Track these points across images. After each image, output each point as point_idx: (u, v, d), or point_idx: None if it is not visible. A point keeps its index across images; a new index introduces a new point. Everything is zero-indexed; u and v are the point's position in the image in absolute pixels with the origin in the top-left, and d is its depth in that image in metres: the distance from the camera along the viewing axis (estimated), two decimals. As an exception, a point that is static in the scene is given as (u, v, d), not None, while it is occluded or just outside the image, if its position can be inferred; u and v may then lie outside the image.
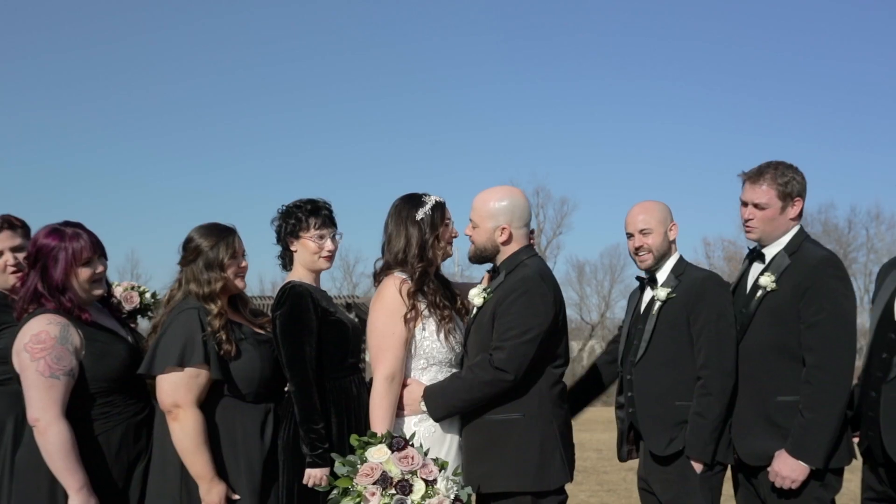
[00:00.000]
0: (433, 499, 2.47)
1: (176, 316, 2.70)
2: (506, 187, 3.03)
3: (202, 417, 2.63)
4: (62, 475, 2.50)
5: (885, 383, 2.77)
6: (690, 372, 2.92)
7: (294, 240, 2.99)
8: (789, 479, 2.75)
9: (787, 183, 2.95)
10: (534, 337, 2.68)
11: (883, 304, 2.90)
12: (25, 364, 2.57)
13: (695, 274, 3.03)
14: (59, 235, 2.69)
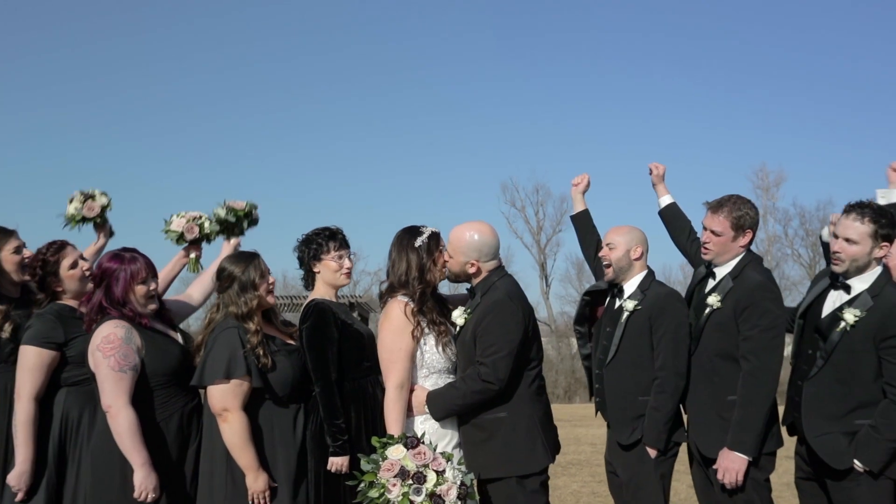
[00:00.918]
0: (443, 485, 2.95)
1: (219, 334, 3.19)
2: (476, 225, 3.42)
3: (247, 418, 3.13)
4: (129, 453, 3.03)
5: (807, 379, 3.29)
6: (651, 373, 3.43)
7: (316, 262, 3.50)
8: (732, 470, 3.26)
9: (741, 217, 3.46)
10: (510, 351, 3.18)
11: (808, 303, 3.41)
12: (98, 361, 3.10)
13: (659, 290, 3.53)
14: (120, 259, 3.25)
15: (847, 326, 3.15)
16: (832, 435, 3.17)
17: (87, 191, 4.05)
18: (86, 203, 4.01)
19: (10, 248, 3.58)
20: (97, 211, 4.02)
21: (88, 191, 4.05)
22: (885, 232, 3.16)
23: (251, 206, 4.08)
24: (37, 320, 3.36)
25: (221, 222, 3.98)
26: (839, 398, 3.18)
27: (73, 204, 4.01)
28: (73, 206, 4.00)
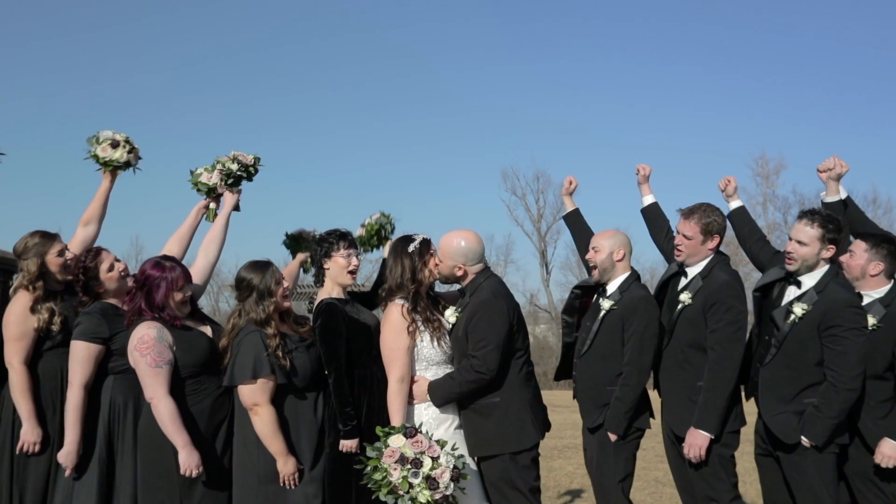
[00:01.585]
0: (437, 469, 3.36)
1: (243, 338, 3.61)
2: (463, 233, 3.85)
3: (274, 410, 3.56)
4: (172, 436, 3.48)
5: (764, 365, 3.73)
6: (619, 366, 3.82)
7: (327, 259, 3.92)
8: (696, 446, 3.70)
9: (709, 223, 3.88)
10: (497, 344, 3.61)
11: (764, 283, 3.85)
12: (137, 360, 3.55)
13: (635, 293, 3.89)
14: (161, 268, 3.69)
15: (796, 318, 3.59)
16: (785, 414, 3.61)
17: (124, 137, 4.38)
18: (133, 151, 4.39)
19: (55, 252, 3.99)
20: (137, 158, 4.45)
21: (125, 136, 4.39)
22: (831, 236, 3.60)
23: (256, 160, 4.43)
24: (84, 318, 3.80)
25: (228, 174, 4.34)
26: (790, 381, 3.62)
27: (118, 151, 4.32)
28: (118, 153, 4.32)
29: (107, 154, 4.32)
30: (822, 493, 3.55)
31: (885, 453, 3.62)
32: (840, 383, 3.48)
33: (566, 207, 4.68)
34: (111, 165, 4.35)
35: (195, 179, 4.41)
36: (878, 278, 3.70)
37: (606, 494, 3.82)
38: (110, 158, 4.32)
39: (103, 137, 4.35)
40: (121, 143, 4.34)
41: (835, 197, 4.09)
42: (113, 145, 4.33)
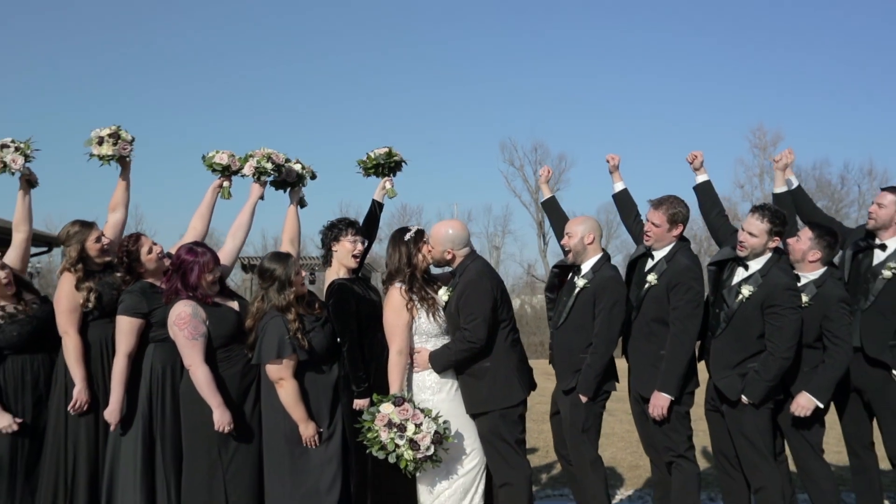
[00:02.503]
0: (419, 434, 3.99)
1: (268, 322, 4.14)
2: (451, 222, 4.46)
3: (297, 383, 4.12)
4: (208, 398, 4.07)
5: (715, 337, 4.31)
6: (590, 337, 4.37)
7: (335, 243, 4.52)
8: (659, 406, 4.29)
9: (675, 213, 4.42)
10: (484, 318, 4.17)
11: (718, 260, 4.41)
12: (176, 333, 4.12)
13: (605, 273, 4.42)
14: (194, 253, 4.24)
15: (743, 298, 4.17)
16: (731, 377, 4.21)
17: (110, 130, 4.71)
18: (119, 143, 4.71)
19: (93, 238, 4.53)
20: (130, 149, 4.79)
21: (111, 130, 4.72)
22: (777, 229, 4.18)
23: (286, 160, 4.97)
24: (126, 296, 4.36)
25: (259, 169, 4.88)
26: (736, 351, 4.21)
27: (103, 146, 4.67)
28: (105, 148, 4.67)
29: (98, 151, 4.75)
30: (758, 441, 4.17)
31: (800, 404, 4.20)
32: (777, 353, 4.07)
33: (543, 195, 5.22)
34: (107, 159, 4.78)
35: (209, 162, 4.95)
36: (816, 263, 4.27)
37: (577, 445, 4.41)
38: (102, 154, 4.75)
39: (92, 136, 4.76)
40: (105, 139, 4.73)
41: (782, 188, 4.66)
42: (99, 143, 4.74)
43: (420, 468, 4.05)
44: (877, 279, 4.31)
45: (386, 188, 5.08)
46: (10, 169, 4.51)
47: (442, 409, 4.20)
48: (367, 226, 4.88)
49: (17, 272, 4.54)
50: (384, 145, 5.15)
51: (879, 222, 4.38)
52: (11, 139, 4.57)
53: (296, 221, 5.04)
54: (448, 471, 4.26)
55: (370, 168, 5.08)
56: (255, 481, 4.23)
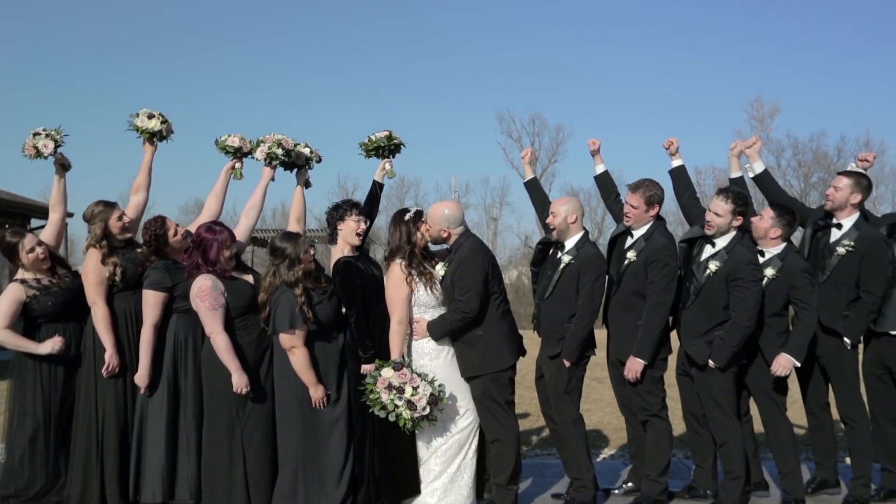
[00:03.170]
0: (416, 396, 4.41)
1: (279, 297, 4.54)
2: (446, 203, 4.82)
3: (307, 350, 4.54)
4: (227, 363, 4.50)
5: (685, 308, 4.74)
6: (574, 308, 4.76)
7: (340, 222, 4.92)
8: (634, 370, 4.73)
9: (651, 196, 4.81)
10: (476, 291, 4.57)
11: (690, 237, 4.82)
12: (198, 304, 4.54)
13: (588, 250, 4.81)
14: (213, 231, 4.65)
15: (710, 273, 4.59)
16: (699, 344, 4.64)
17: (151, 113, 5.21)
18: (165, 123, 5.25)
19: (115, 217, 4.91)
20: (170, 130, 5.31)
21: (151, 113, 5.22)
22: (740, 210, 4.59)
23: (295, 144, 5.37)
24: (152, 272, 4.77)
25: (270, 154, 5.28)
26: (704, 321, 4.64)
27: (152, 121, 5.18)
28: (153, 122, 5.18)
29: (144, 124, 5.22)
30: (722, 402, 4.62)
31: (781, 364, 4.63)
32: (740, 321, 4.50)
33: (526, 175, 5.60)
34: (148, 133, 5.24)
35: (222, 145, 5.35)
36: (777, 240, 4.69)
37: (561, 405, 4.84)
38: (146, 127, 5.22)
39: (142, 112, 5.25)
40: (155, 115, 5.24)
41: (737, 174, 5.18)
42: (149, 117, 5.23)
43: (417, 426, 4.50)
44: (832, 255, 4.73)
45: (386, 169, 5.48)
46: (42, 154, 4.90)
47: (439, 374, 4.64)
48: (369, 205, 5.28)
49: (51, 248, 4.96)
50: (384, 129, 5.53)
51: (836, 203, 4.79)
52: (43, 128, 4.97)
53: (302, 201, 5.44)
54: (444, 429, 4.72)
55: (371, 150, 5.47)
56: (269, 438, 4.69)
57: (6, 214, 17.92)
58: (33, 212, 19.14)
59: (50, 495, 4.78)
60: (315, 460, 4.62)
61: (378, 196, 5.45)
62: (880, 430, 4.87)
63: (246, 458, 4.63)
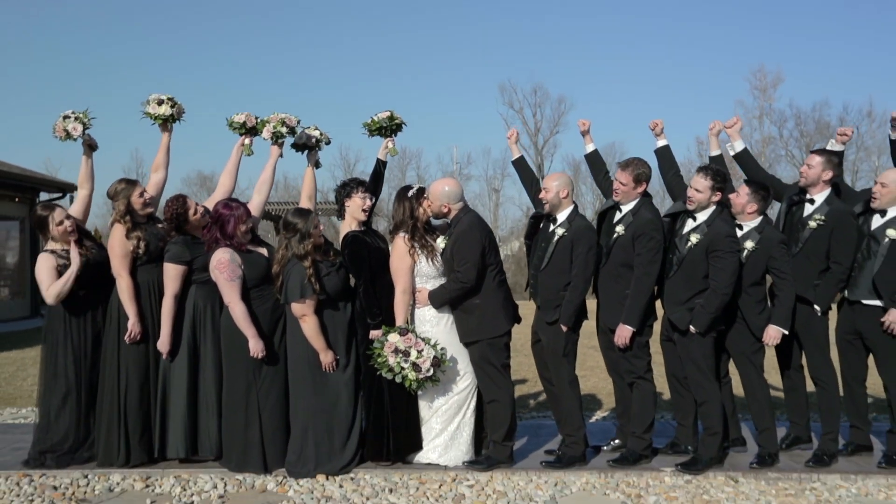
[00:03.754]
0: (420, 359, 4.79)
1: (291, 269, 4.88)
2: (447, 180, 5.15)
3: (317, 318, 4.90)
4: (244, 329, 4.86)
5: (668, 278, 5.07)
6: (568, 277, 5.07)
7: (347, 199, 5.26)
8: (622, 336, 5.09)
9: (639, 174, 5.12)
10: (474, 263, 4.90)
11: (673, 212, 5.15)
12: (217, 276, 4.89)
13: (580, 223, 5.11)
14: (230, 208, 4.98)
15: (692, 245, 4.93)
16: (681, 311, 4.99)
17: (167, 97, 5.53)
18: (175, 106, 5.56)
19: (137, 194, 5.26)
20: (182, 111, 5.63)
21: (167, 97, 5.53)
22: (718, 186, 4.91)
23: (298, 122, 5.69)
24: (172, 246, 5.12)
25: (276, 133, 5.62)
26: (685, 289, 4.98)
27: (162, 106, 5.50)
28: (163, 108, 5.49)
29: (155, 110, 5.55)
30: (702, 364, 4.98)
31: (770, 335, 4.98)
32: (718, 289, 4.85)
33: (513, 154, 5.88)
34: (161, 119, 5.58)
35: (231, 123, 5.68)
36: (753, 214, 5.02)
37: (558, 367, 5.19)
38: (158, 114, 5.55)
39: (152, 99, 5.56)
40: (164, 101, 5.56)
41: (717, 152, 5.53)
42: (159, 103, 5.55)
43: (421, 387, 4.89)
44: (805, 228, 5.06)
45: (388, 147, 5.80)
46: (72, 136, 5.24)
47: (439, 340, 5.00)
48: (374, 182, 5.61)
49: (79, 222, 5.31)
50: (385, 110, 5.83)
51: (809, 180, 5.11)
52: (71, 111, 5.29)
53: (312, 180, 5.77)
54: (445, 390, 5.10)
55: (374, 130, 5.79)
56: (282, 399, 5.07)
57: (17, 188, 18.27)
58: (43, 186, 19.49)
59: (82, 450, 5.20)
60: (325, 420, 5.00)
61: (382, 173, 5.78)
62: (850, 390, 5.24)
63: (262, 417, 5.01)
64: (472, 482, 4.90)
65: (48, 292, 5.06)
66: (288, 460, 5.02)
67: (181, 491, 4.77)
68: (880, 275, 4.93)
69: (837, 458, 5.19)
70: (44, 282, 5.08)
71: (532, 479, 4.97)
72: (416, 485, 4.85)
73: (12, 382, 9.24)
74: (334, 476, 4.94)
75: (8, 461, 5.33)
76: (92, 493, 4.76)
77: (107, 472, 5.01)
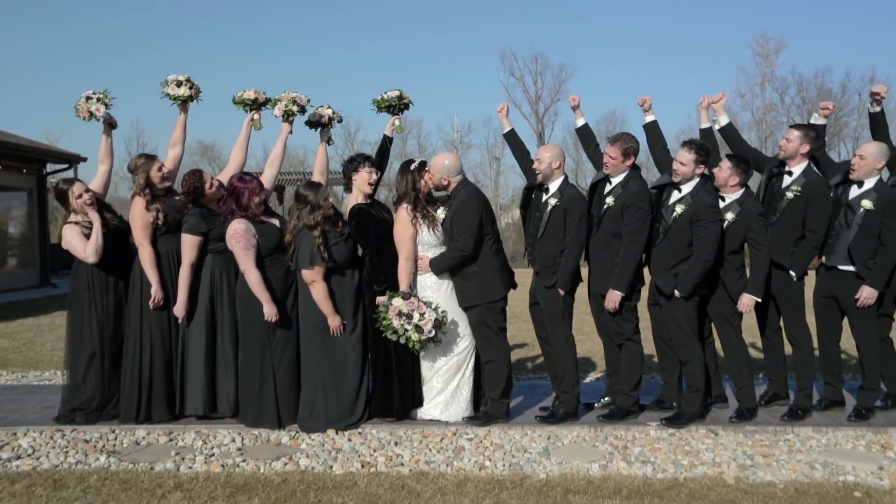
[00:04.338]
0: (423, 321, 5.13)
1: (301, 238, 5.19)
2: (447, 155, 5.46)
3: (325, 284, 5.23)
4: (258, 295, 5.20)
5: (655, 246, 5.39)
6: (562, 244, 5.37)
7: (355, 173, 5.58)
8: (612, 301, 5.43)
9: (627, 148, 5.40)
10: (472, 232, 5.22)
11: (659, 184, 5.46)
12: (234, 245, 5.22)
13: (571, 192, 5.42)
14: (244, 181, 5.30)
15: (677, 215, 5.24)
16: (667, 276, 5.33)
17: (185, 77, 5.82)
18: (193, 87, 5.87)
19: (155, 168, 5.59)
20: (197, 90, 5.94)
21: (185, 77, 5.82)
22: (702, 159, 5.22)
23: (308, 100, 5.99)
24: (189, 218, 5.45)
25: (287, 111, 5.93)
26: (671, 256, 5.31)
27: (181, 88, 5.81)
28: (182, 90, 5.80)
29: (175, 92, 5.85)
30: (686, 326, 5.32)
31: (744, 303, 5.34)
32: (701, 256, 5.17)
33: (504, 127, 6.17)
34: (180, 100, 5.89)
35: (240, 99, 5.98)
36: (735, 187, 5.33)
37: (555, 328, 5.53)
38: (177, 95, 5.86)
39: (171, 80, 5.86)
40: (183, 83, 5.85)
41: (706, 125, 5.79)
42: (178, 85, 5.85)
43: (424, 347, 5.26)
44: (783, 199, 5.38)
45: (395, 125, 6.10)
46: (95, 116, 5.55)
47: (440, 304, 5.34)
48: (380, 157, 5.92)
49: (99, 196, 5.64)
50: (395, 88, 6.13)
51: (787, 153, 5.42)
52: (93, 91, 5.60)
53: (325, 156, 6.08)
54: (445, 351, 5.47)
55: (383, 107, 6.08)
56: (295, 359, 5.44)
57: (25, 160, 18.55)
58: (49, 157, 19.76)
59: (108, 408, 5.59)
60: (334, 379, 5.37)
61: (388, 149, 6.09)
62: (825, 349, 5.61)
63: (276, 377, 5.38)
64: (472, 436, 5.28)
65: (86, 252, 5.42)
66: (300, 416, 5.40)
67: (202, 444, 5.16)
68: (855, 243, 5.27)
69: (811, 412, 5.57)
70: (77, 247, 5.44)
71: (527, 432, 5.35)
72: (419, 438, 5.23)
73: (32, 348, 9.66)
74: (343, 431, 5.32)
75: (40, 418, 5.73)
76: (120, 445, 5.15)
77: (132, 428, 5.40)
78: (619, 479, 4.46)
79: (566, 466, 4.66)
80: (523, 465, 4.71)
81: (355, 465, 4.69)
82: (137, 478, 4.47)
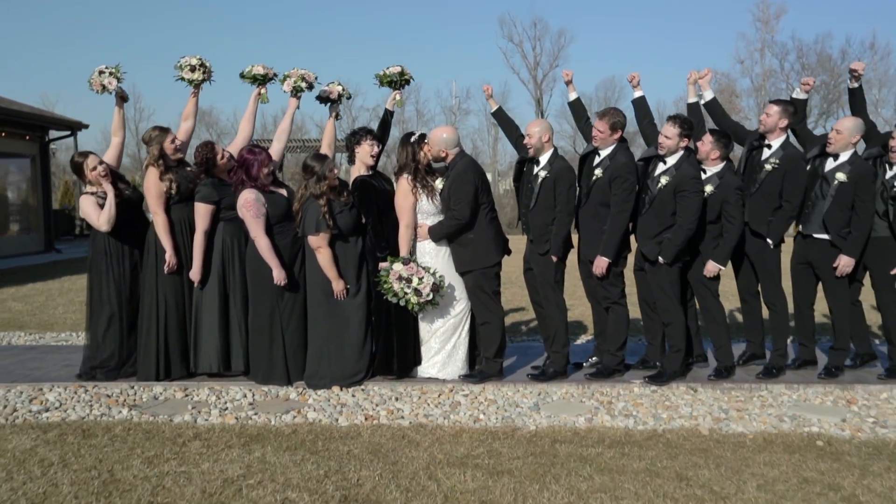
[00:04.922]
0: (421, 285, 5.47)
1: (308, 206, 5.52)
2: (445, 128, 5.69)
3: (331, 250, 5.56)
4: (268, 260, 5.53)
5: (640, 215, 5.71)
6: (553, 213, 5.68)
7: (357, 146, 5.88)
8: (600, 266, 5.77)
9: (615, 122, 5.70)
10: (468, 202, 5.54)
11: (647, 156, 5.79)
12: (244, 213, 5.54)
13: (560, 164, 5.71)
14: (254, 153, 5.60)
15: (662, 186, 5.56)
16: (651, 243, 5.66)
17: (198, 60, 6.10)
18: (206, 72, 6.15)
19: (169, 140, 5.89)
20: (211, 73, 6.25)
21: (199, 60, 6.10)
22: (685, 133, 5.52)
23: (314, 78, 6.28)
24: (202, 188, 5.76)
25: (296, 87, 6.22)
26: (656, 225, 5.63)
27: (196, 72, 6.09)
28: (196, 74, 6.09)
29: (189, 76, 6.13)
30: (668, 291, 5.67)
31: (709, 269, 5.68)
32: (684, 225, 5.50)
33: (491, 107, 6.48)
34: (194, 83, 6.17)
35: (248, 75, 6.26)
36: (716, 160, 5.65)
37: (548, 292, 5.87)
38: (192, 79, 6.14)
39: (184, 64, 6.12)
40: (197, 67, 6.13)
41: (694, 100, 6.07)
42: (192, 70, 6.13)
43: (422, 309, 5.61)
44: (762, 170, 5.69)
45: (396, 99, 6.38)
46: (108, 90, 5.83)
47: (438, 269, 5.69)
48: (381, 131, 6.22)
49: (112, 167, 5.94)
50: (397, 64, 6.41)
51: (767, 127, 5.72)
52: (105, 66, 5.87)
53: (333, 130, 6.37)
54: (442, 313, 5.83)
55: (385, 82, 6.36)
56: (302, 320, 5.79)
57: (28, 127, 18.75)
58: (52, 124, 19.95)
59: (126, 366, 5.97)
60: (337, 340, 5.72)
61: (389, 122, 6.38)
62: (800, 312, 5.97)
63: (284, 337, 5.74)
64: (467, 392, 5.66)
65: (100, 221, 5.73)
66: (307, 374, 5.77)
67: (216, 399, 5.54)
68: (829, 213, 5.60)
69: (785, 370, 5.96)
70: (92, 216, 5.76)
71: (519, 389, 5.73)
72: (418, 394, 5.61)
73: (45, 311, 10.03)
74: (347, 388, 5.70)
75: (62, 375, 6.12)
76: (140, 400, 5.53)
77: (150, 384, 5.78)
78: (603, 430, 4.84)
79: (554, 419, 5.04)
80: (515, 418, 5.09)
81: (359, 418, 5.07)
82: (159, 428, 4.85)
